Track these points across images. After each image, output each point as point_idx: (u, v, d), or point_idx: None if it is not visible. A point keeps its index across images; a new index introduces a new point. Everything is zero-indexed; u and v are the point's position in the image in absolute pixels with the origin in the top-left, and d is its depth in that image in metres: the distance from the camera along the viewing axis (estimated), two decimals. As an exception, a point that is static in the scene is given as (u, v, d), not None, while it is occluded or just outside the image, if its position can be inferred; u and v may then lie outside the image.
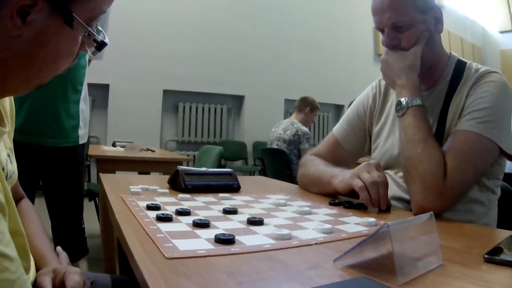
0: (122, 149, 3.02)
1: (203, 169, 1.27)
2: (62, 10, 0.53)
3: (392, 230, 0.51)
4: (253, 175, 6.30)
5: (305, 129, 3.74)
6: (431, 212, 0.60)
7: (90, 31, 0.57)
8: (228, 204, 0.99)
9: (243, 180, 1.44)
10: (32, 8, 0.51)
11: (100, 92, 5.22)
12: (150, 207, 0.86)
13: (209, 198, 1.06)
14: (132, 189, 1.06)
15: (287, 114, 6.49)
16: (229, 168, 6.07)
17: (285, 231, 0.71)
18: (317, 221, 0.84)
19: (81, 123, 1.95)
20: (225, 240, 0.65)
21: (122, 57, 5.13)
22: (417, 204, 0.93)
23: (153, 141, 5.58)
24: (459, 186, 0.94)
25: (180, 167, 1.23)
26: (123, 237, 0.68)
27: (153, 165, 2.69)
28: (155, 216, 0.78)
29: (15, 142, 1.93)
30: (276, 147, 3.76)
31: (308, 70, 6.72)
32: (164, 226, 0.73)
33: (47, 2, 0.51)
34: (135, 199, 0.96)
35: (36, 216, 0.96)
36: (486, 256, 0.60)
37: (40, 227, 0.92)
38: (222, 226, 0.76)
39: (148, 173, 3.17)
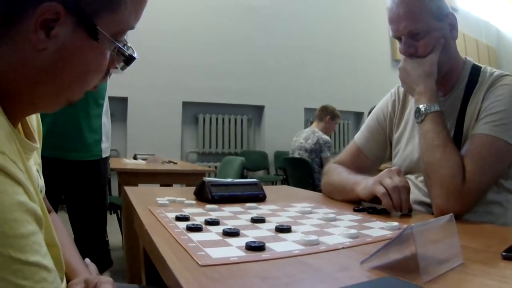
0: (143, 162, 3.08)
1: (229, 180, 1.30)
2: (86, 24, 0.52)
3: (416, 232, 0.53)
4: (276, 184, 6.32)
5: (326, 137, 3.76)
6: (451, 213, 0.62)
7: (117, 45, 0.57)
8: (255, 213, 1.02)
9: (267, 189, 1.46)
10: (56, 22, 0.51)
11: (119, 105, 5.29)
12: (179, 218, 0.90)
13: (236, 208, 1.09)
14: (159, 201, 1.10)
15: (307, 123, 6.51)
16: (251, 178, 6.08)
17: (312, 237, 0.73)
18: (343, 227, 0.86)
19: (103, 137, 1.99)
20: (255, 247, 0.68)
21: (140, 69, 5.19)
22: (437, 207, 0.95)
23: (174, 153, 5.66)
24: (478, 189, 0.96)
25: (206, 179, 1.26)
26: (154, 247, 0.71)
27: (175, 177, 2.74)
28: (185, 226, 0.82)
29: None
30: (298, 156, 3.78)
31: (327, 78, 6.73)
32: (194, 236, 0.76)
33: (71, 15, 0.51)
34: (163, 211, 1.00)
35: (64, 228, 0.99)
36: (504, 253, 0.62)
37: (69, 239, 0.95)
38: (252, 234, 0.79)
39: (170, 185, 3.23)
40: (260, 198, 1.26)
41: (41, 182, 0.76)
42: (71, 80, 0.56)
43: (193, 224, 0.81)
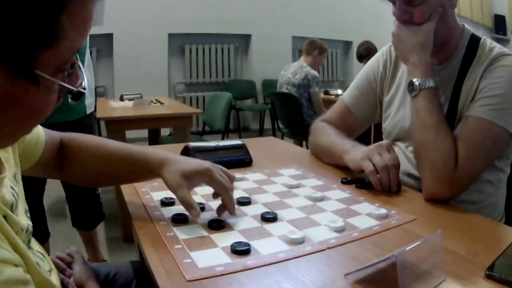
0: (130, 104, 3.00)
1: (213, 144, 1.28)
2: (23, 70, 0.45)
3: (399, 261, 0.52)
4: (263, 114, 6.32)
5: (315, 72, 3.68)
6: (440, 232, 0.62)
7: (62, 85, 0.49)
8: (241, 187, 1.01)
9: (254, 144, 1.46)
10: None
11: (104, 42, 5.16)
12: (164, 203, 0.89)
13: (222, 179, 1.08)
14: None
15: (295, 51, 6.36)
16: (239, 107, 6.10)
17: (298, 235, 0.73)
18: (329, 212, 0.86)
19: (86, 93, 1.93)
20: (241, 251, 0.67)
21: (124, 4, 4.99)
22: (427, 191, 0.94)
23: (162, 86, 5.57)
24: (469, 176, 0.94)
25: (191, 144, 1.23)
26: (142, 247, 0.70)
27: (162, 121, 2.69)
28: (170, 217, 0.81)
29: None
30: (286, 91, 3.73)
31: (314, 6, 6.46)
32: (180, 231, 0.75)
33: (2, 65, 0.43)
34: (148, 189, 0.98)
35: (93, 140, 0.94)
36: (487, 272, 0.61)
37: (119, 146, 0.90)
38: (238, 227, 0.78)
39: (158, 129, 3.20)
40: (246, 162, 1.25)
41: (17, 189, 0.70)
42: (20, 122, 0.50)
43: (178, 216, 0.80)
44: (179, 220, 0.79)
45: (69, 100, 0.56)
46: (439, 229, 0.77)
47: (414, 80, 1.01)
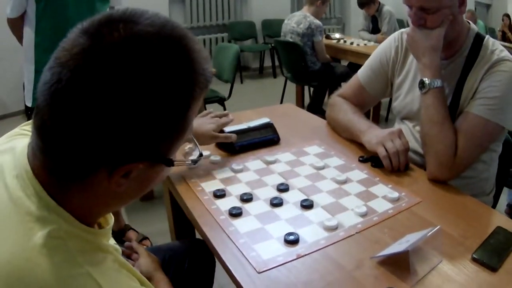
0: None
1: (244, 125, 1.44)
2: (163, 161, 0.56)
3: (411, 253, 0.75)
4: (264, 54, 6.36)
5: (318, 22, 3.76)
6: (439, 227, 0.83)
7: (187, 161, 0.66)
8: (277, 170, 1.21)
9: (274, 114, 1.63)
10: (133, 169, 0.53)
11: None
12: (216, 195, 1.08)
13: (258, 163, 1.27)
14: (187, 163, 1.24)
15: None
16: (240, 48, 6.11)
17: (332, 222, 0.94)
18: (353, 195, 1.07)
19: None
20: (292, 241, 0.89)
21: None
22: (431, 173, 1.14)
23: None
24: (467, 162, 1.14)
25: (226, 129, 1.39)
26: (212, 246, 0.92)
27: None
28: (227, 210, 1.01)
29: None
30: (290, 39, 3.82)
31: None
32: (239, 224, 0.97)
33: (146, 161, 0.53)
34: (197, 180, 1.17)
35: None
36: (473, 255, 0.82)
37: None
38: (284, 216, 0.99)
39: None
40: (275, 141, 1.43)
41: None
42: (145, 191, 0.61)
43: (234, 209, 1.01)
44: (234, 214, 1.00)
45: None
46: (439, 211, 0.99)
47: (425, 79, 1.17)
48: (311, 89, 4.38)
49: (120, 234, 2.38)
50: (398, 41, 1.38)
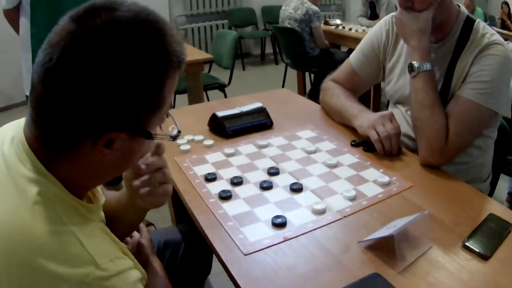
0: None
1: (237, 110, 1.44)
2: (142, 133, 0.62)
3: (396, 238, 0.74)
4: (264, 41, 6.32)
5: (315, 8, 3.74)
6: (427, 212, 0.83)
7: (165, 135, 0.69)
8: (268, 154, 1.21)
9: (269, 99, 1.62)
10: (115, 139, 0.60)
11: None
12: (208, 179, 1.08)
13: (250, 147, 1.27)
14: (181, 148, 1.26)
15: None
16: (240, 35, 6.08)
17: (321, 205, 0.94)
18: (343, 179, 1.07)
19: None
20: (279, 224, 0.89)
21: None
22: (422, 158, 1.13)
23: (163, 19, 5.52)
24: (458, 147, 1.12)
25: (218, 113, 1.40)
26: (201, 228, 0.91)
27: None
28: (217, 193, 1.01)
29: None
30: (288, 25, 3.80)
31: None
32: (228, 207, 0.97)
33: (126, 132, 0.60)
34: (189, 164, 1.17)
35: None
36: (465, 242, 0.81)
37: None
38: (273, 200, 0.99)
39: None
40: (268, 125, 1.42)
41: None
42: (129, 166, 0.72)
43: (223, 192, 1.01)
44: (224, 197, 1.00)
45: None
46: (431, 196, 0.98)
47: (414, 62, 1.15)
48: (312, 75, 4.36)
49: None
50: (388, 25, 1.36)
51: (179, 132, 0.75)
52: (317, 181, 1.07)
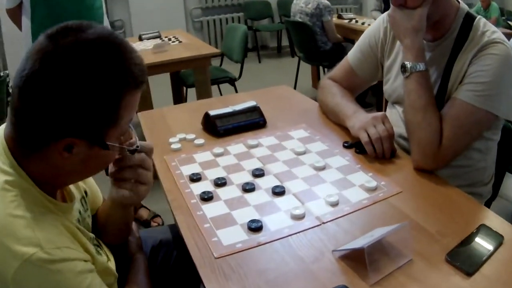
0: (149, 45, 3.04)
1: (229, 108, 1.42)
2: (98, 143, 0.70)
3: (367, 251, 0.71)
4: (280, 34, 6.27)
5: (326, 2, 3.70)
6: (407, 223, 0.79)
7: (123, 148, 0.77)
8: (256, 155, 1.19)
9: (267, 96, 1.61)
10: (74, 145, 0.68)
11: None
12: (192, 179, 1.07)
13: (239, 147, 1.25)
14: (172, 146, 1.25)
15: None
16: (256, 28, 6.06)
17: (300, 210, 0.92)
18: (328, 183, 1.04)
19: None
20: (255, 228, 0.87)
21: None
22: (415, 162, 1.08)
23: (178, 12, 5.54)
24: (452, 153, 1.07)
25: (210, 112, 1.38)
26: (179, 228, 0.91)
27: (183, 63, 2.79)
28: (199, 194, 1.00)
29: None
30: (299, 19, 3.75)
31: None
32: (207, 209, 0.95)
33: (84, 140, 0.68)
34: (177, 163, 1.17)
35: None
36: (447, 257, 0.76)
37: None
38: (254, 202, 0.97)
39: (178, 72, 3.32)
40: (261, 124, 1.40)
41: (83, 212, 0.90)
42: (91, 173, 0.80)
43: (205, 194, 1.00)
44: (205, 198, 0.99)
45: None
46: (419, 203, 0.94)
47: (407, 63, 1.10)
48: (326, 69, 4.30)
49: (132, 212, 2.45)
50: (386, 22, 1.31)
51: (137, 147, 0.81)
52: (301, 184, 1.04)
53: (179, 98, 3.72)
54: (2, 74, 3.69)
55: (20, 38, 1.94)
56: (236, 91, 3.37)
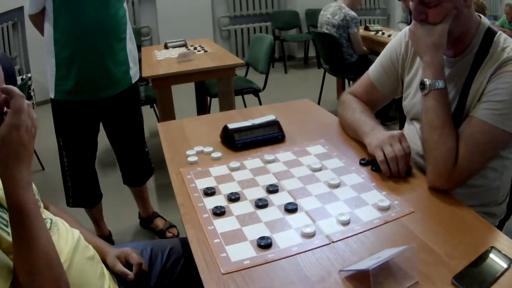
0: (174, 53, 3.09)
1: (249, 122, 1.44)
2: None
3: (372, 273, 0.70)
4: (307, 44, 6.28)
5: (353, 13, 3.67)
6: (414, 246, 0.78)
7: None
8: (272, 171, 1.20)
9: (288, 110, 1.63)
10: None
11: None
12: (206, 193, 1.09)
13: (256, 161, 1.26)
14: (189, 159, 1.28)
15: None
16: (283, 38, 6.09)
17: (310, 228, 0.92)
18: (341, 201, 1.03)
19: (131, 64, 2.03)
20: (264, 245, 0.88)
21: None
22: (429, 182, 1.07)
23: (206, 20, 5.63)
24: (467, 173, 1.05)
25: (229, 125, 1.40)
26: (189, 241, 0.92)
27: (207, 74, 2.82)
28: (211, 208, 1.02)
29: (70, 103, 2.13)
30: (326, 31, 3.75)
31: None
32: (219, 224, 0.97)
33: None
34: (193, 176, 1.19)
35: (76, 224, 1.14)
36: (453, 280, 0.75)
37: (86, 231, 1.16)
38: (265, 219, 0.98)
39: (203, 81, 3.37)
40: (279, 139, 1.41)
41: None
42: None
43: (217, 208, 1.01)
44: (218, 213, 1.00)
45: None
46: (430, 224, 0.93)
47: (425, 80, 1.10)
48: (351, 82, 4.28)
49: (148, 221, 2.47)
50: (408, 37, 1.30)
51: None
52: (314, 201, 1.04)
53: (203, 108, 3.77)
54: (24, 77, 3.84)
55: (43, 43, 1.95)
56: (260, 102, 3.40)
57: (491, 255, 0.82)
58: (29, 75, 4.16)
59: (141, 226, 2.53)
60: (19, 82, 2.75)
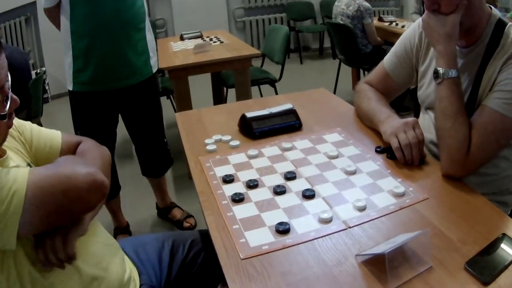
0: (190, 45, 3.11)
1: (266, 111, 1.46)
2: None
3: (388, 257, 0.72)
4: (322, 35, 6.24)
5: (367, 4, 3.67)
6: (428, 230, 0.79)
7: None
8: (290, 158, 1.22)
9: (305, 99, 1.64)
10: None
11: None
12: (225, 181, 1.12)
13: (274, 149, 1.28)
14: (208, 148, 1.31)
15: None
16: (298, 29, 6.07)
17: (328, 214, 0.94)
18: (358, 187, 1.05)
19: (150, 54, 2.04)
20: (282, 231, 0.90)
21: None
22: (443, 169, 1.08)
23: (220, 11, 5.63)
24: (481, 160, 1.06)
25: (247, 114, 1.43)
26: (208, 227, 0.95)
27: (224, 64, 2.83)
28: (230, 196, 1.04)
29: (88, 93, 2.13)
30: (340, 22, 3.75)
31: None
32: (238, 210, 0.99)
33: None
34: (212, 164, 1.21)
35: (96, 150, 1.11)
36: (466, 265, 0.76)
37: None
38: (283, 205, 1.00)
39: (219, 72, 3.38)
40: (296, 127, 1.43)
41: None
42: None
43: (236, 195, 1.04)
44: (237, 200, 1.03)
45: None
46: (444, 211, 0.94)
47: (439, 69, 1.10)
48: (366, 72, 4.26)
49: (165, 212, 2.51)
50: (421, 27, 1.30)
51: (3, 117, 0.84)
52: (331, 188, 1.06)
53: (219, 98, 3.79)
54: (39, 71, 3.90)
55: (57, 36, 1.96)
56: (276, 93, 3.41)
57: (503, 242, 0.83)
58: (44, 69, 4.23)
59: (158, 217, 2.56)
60: (33, 76, 2.80)
